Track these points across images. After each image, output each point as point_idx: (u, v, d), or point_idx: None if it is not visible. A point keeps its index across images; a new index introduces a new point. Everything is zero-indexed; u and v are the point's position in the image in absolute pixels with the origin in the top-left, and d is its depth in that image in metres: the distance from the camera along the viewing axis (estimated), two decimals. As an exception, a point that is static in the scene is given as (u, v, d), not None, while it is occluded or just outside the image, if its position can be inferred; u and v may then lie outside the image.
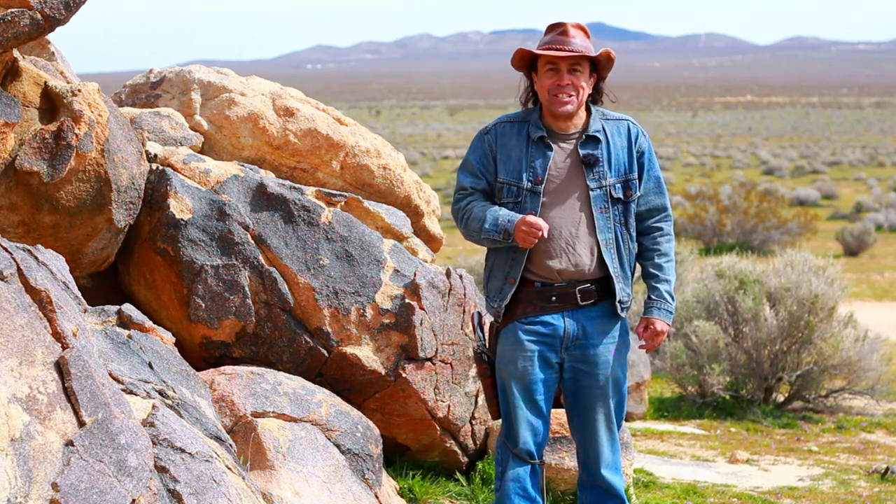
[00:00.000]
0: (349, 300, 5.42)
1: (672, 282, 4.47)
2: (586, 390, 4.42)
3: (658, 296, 4.44)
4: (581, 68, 4.33)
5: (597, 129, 4.40)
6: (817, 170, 51.03)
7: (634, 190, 4.41)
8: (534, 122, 4.41)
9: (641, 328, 4.45)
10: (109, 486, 3.17)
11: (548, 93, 4.34)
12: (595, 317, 4.38)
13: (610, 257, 4.37)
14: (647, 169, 4.45)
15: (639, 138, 4.45)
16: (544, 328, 4.36)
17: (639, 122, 4.53)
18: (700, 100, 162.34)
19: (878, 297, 19.17)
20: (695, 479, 6.86)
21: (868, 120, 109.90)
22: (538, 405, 4.40)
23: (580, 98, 4.35)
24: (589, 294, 4.36)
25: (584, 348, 4.38)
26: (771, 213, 25.62)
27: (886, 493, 6.62)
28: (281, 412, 4.85)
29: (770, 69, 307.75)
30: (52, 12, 4.44)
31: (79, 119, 4.81)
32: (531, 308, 4.37)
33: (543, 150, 4.37)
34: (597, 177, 4.36)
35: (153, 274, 5.46)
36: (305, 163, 6.12)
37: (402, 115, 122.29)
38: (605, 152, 4.38)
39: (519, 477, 4.40)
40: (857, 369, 9.28)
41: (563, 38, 4.33)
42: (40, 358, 3.27)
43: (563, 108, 4.34)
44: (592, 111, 4.44)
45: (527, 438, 4.39)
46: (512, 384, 4.38)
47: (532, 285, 4.37)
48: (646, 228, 4.48)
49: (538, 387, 4.38)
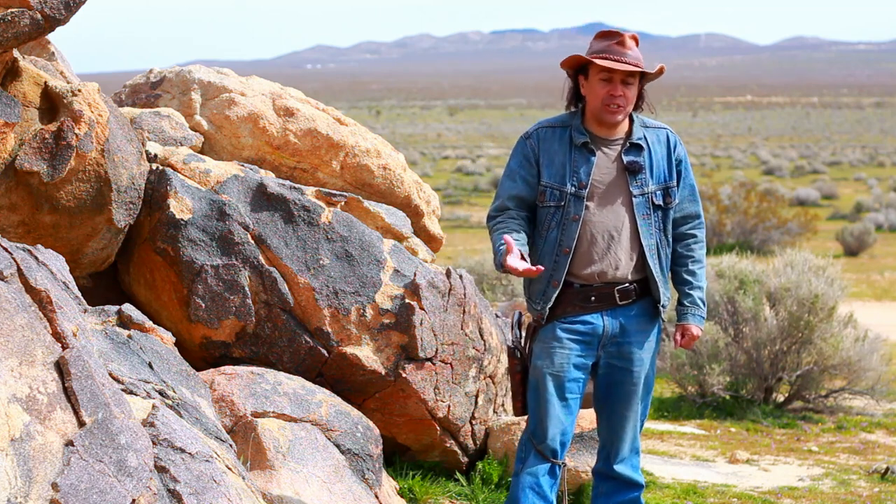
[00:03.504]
0: (349, 300, 5.42)
1: (704, 288, 4.62)
2: (619, 385, 4.53)
3: (692, 302, 4.58)
4: (633, 80, 4.40)
5: (640, 137, 4.48)
6: (817, 170, 51.03)
7: (673, 197, 4.52)
8: (576, 126, 4.47)
9: (678, 334, 4.57)
10: (109, 486, 3.17)
11: (601, 102, 4.39)
12: (633, 315, 4.49)
13: (653, 262, 4.47)
14: (683, 177, 4.56)
15: (677, 147, 4.56)
16: (583, 327, 4.45)
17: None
18: (700, 100, 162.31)
19: (878, 297, 19.16)
20: (695, 479, 6.87)
21: (868, 120, 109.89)
22: (569, 404, 4.48)
23: (629, 109, 4.43)
24: (627, 293, 4.46)
25: (621, 345, 4.48)
26: (771, 213, 25.61)
27: (886, 493, 6.62)
28: (281, 412, 4.85)
29: (770, 69, 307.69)
30: (52, 12, 4.43)
31: (79, 119, 4.81)
32: (571, 308, 4.45)
33: (587, 155, 4.44)
34: (639, 184, 4.45)
35: (153, 274, 5.46)
36: (305, 163, 6.12)
37: (402, 115, 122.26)
38: (647, 160, 4.47)
39: (536, 472, 4.47)
40: (857, 369, 9.28)
41: (621, 48, 4.38)
42: (40, 358, 3.27)
43: (614, 118, 4.41)
44: (634, 118, 4.52)
45: (554, 435, 4.46)
46: (546, 380, 4.45)
47: (572, 286, 4.45)
48: (680, 235, 4.59)
49: (571, 385, 4.47)
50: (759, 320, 9.36)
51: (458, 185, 41.64)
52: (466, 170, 49.02)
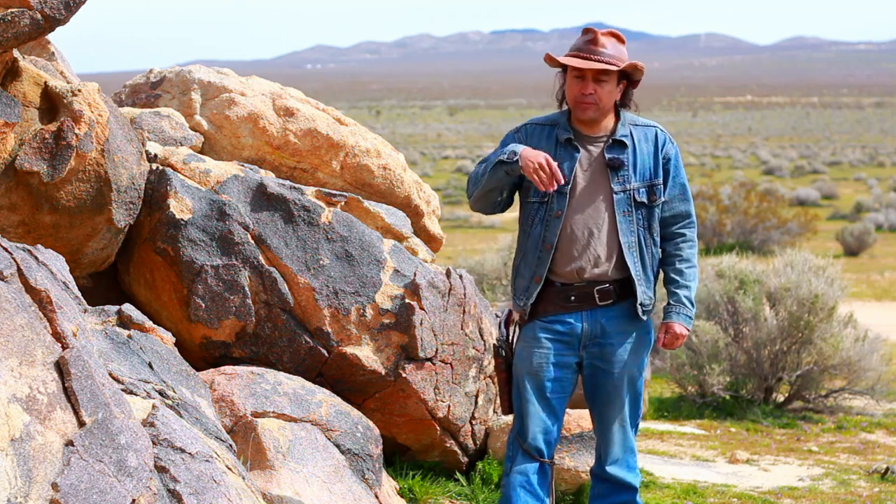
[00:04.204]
0: (349, 300, 5.42)
1: (693, 287, 4.55)
2: (601, 387, 4.53)
3: (677, 301, 4.52)
4: (607, 78, 4.40)
5: (624, 134, 4.47)
6: (817, 170, 51.04)
7: (659, 195, 4.49)
8: (562, 124, 4.49)
9: (661, 332, 4.54)
10: (109, 486, 3.17)
11: (573, 100, 4.43)
12: (614, 316, 4.47)
13: (632, 260, 4.44)
14: (672, 175, 4.54)
15: (666, 145, 4.54)
16: (562, 327, 4.45)
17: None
18: (700, 100, 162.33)
19: (878, 297, 19.17)
20: (695, 479, 6.86)
21: (868, 120, 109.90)
22: (550, 403, 4.48)
23: (603, 106, 4.42)
24: (607, 294, 4.44)
25: (602, 346, 4.48)
26: (771, 213, 25.61)
27: (886, 493, 6.62)
28: (281, 412, 4.85)
29: (770, 69, 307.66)
30: (52, 12, 4.43)
31: (79, 119, 4.81)
32: (551, 307, 4.46)
33: (571, 152, 4.45)
34: (621, 181, 4.44)
35: (153, 274, 5.46)
36: (305, 163, 6.12)
37: (402, 115, 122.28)
38: (630, 157, 4.46)
39: (526, 471, 4.47)
40: (857, 369, 9.28)
41: (592, 46, 4.40)
42: (40, 358, 3.27)
43: (584, 115, 4.43)
44: (622, 116, 4.52)
45: (536, 435, 4.46)
46: (525, 380, 4.47)
47: (553, 285, 4.45)
48: (669, 234, 4.56)
49: (551, 385, 4.46)
50: (759, 320, 9.36)
51: (458, 185, 41.64)
52: (466, 170, 49.05)
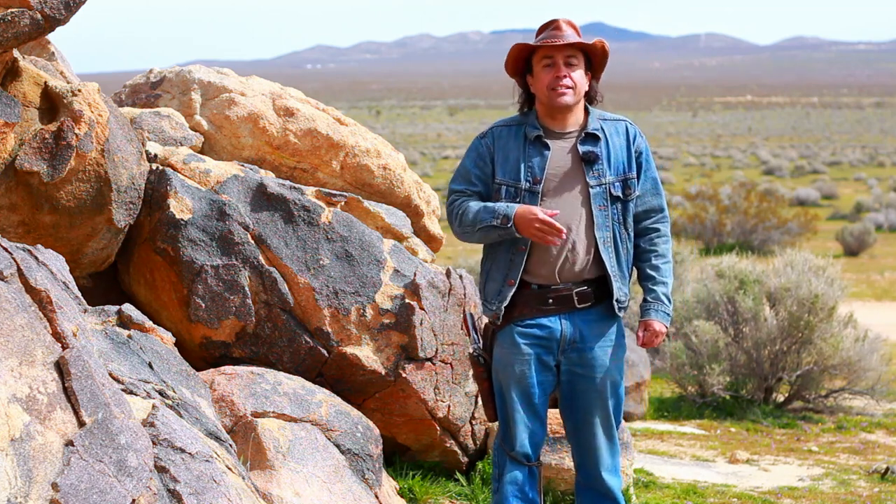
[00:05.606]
0: (349, 300, 5.42)
1: (669, 283, 4.46)
2: (583, 394, 4.41)
3: (655, 298, 4.42)
4: (577, 61, 4.35)
5: (596, 128, 4.40)
6: (817, 170, 51.05)
7: (633, 189, 4.40)
8: (530, 122, 4.40)
9: (640, 330, 4.43)
10: (109, 486, 3.17)
11: (547, 88, 4.33)
12: (592, 320, 4.37)
13: (608, 256, 4.35)
14: (644, 169, 4.45)
15: (636, 138, 4.46)
16: (541, 331, 4.34)
17: (637, 124, 4.53)
18: (700, 100, 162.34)
19: (878, 297, 19.18)
20: (695, 479, 6.86)
21: (868, 120, 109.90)
22: (536, 408, 4.40)
23: (577, 91, 4.35)
24: (586, 296, 4.35)
25: (581, 351, 4.36)
26: (771, 213, 25.62)
27: (886, 493, 6.62)
28: (281, 412, 4.85)
29: (770, 69, 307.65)
30: (52, 12, 4.43)
31: (79, 119, 4.81)
32: (528, 310, 4.34)
33: (540, 149, 4.36)
34: (596, 174, 4.35)
35: (153, 274, 5.46)
36: (305, 163, 6.12)
37: (402, 115, 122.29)
38: (604, 150, 4.38)
39: (517, 479, 4.40)
40: (857, 369, 9.28)
41: (557, 32, 4.36)
42: (40, 358, 3.27)
43: (563, 100, 4.32)
44: (590, 111, 4.45)
45: (524, 442, 4.39)
46: (510, 388, 4.37)
47: (529, 287, 4.35)
48: (643, 230, 4.46)
49: (536, 390, 4.37)
50: (759, 320, 9.36)
51: (458, 185, 41.59)
52: (466, 170, 48.98)
